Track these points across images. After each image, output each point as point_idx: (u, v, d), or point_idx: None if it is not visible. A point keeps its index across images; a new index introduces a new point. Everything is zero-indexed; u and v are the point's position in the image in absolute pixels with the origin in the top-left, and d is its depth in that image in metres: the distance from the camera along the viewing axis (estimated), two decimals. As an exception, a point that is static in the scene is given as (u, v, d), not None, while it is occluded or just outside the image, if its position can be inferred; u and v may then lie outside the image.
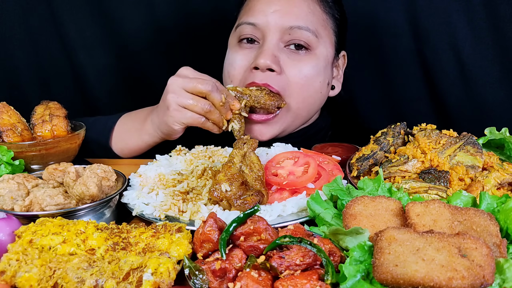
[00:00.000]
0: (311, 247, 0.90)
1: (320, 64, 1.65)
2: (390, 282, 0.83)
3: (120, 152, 1.72)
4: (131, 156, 1.73)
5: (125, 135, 1.70)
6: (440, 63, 2.03)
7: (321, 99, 1.73)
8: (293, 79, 1.61)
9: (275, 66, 1.57)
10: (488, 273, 0.82)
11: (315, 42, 1.63)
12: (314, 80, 1.64)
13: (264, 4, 1.63)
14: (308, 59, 1.63)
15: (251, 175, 1.29)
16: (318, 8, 1.67)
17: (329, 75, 1.72)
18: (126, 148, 1.70)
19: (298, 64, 1.61)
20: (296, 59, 1.62)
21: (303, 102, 1.65)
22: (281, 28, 1.60)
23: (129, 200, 1.31)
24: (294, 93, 1.62)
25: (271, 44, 1.59)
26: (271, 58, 1.57)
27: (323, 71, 1.67)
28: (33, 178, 1.31)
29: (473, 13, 1.93)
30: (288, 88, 1.61)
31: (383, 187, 1.19)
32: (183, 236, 1.04)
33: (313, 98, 1.68)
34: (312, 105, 1.70)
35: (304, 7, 1.63)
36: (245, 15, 1.67)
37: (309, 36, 1.61)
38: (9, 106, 1.62)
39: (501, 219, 1.03)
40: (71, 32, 2.22)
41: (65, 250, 1.01)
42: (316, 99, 1.69)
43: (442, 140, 1.35)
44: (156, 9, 2.19)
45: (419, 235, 0.89)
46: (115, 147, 1.71)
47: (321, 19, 1.66)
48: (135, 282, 0.89)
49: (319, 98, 1.71)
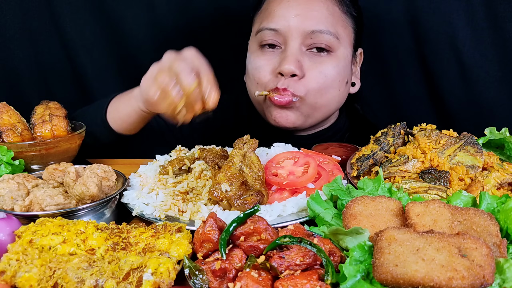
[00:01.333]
0: (311, 247, 0.90)
1: (341, 65, 1.69)
2: (390, 282, 0.83)
3: (114, 124, 1.64)
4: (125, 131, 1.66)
5: (117, 103, 1.66)
6: (440, 63, 2.03)
7: (339, 96, 1.77)
8: (314, 80, 1.65)
9: (298, 71, 1.62)
10: (488, 273, 0.82)
11: (336, 44, 1.66)
12: (333, 79, 1.68)
13: (284, 9, 1.66)
14: (329, 60, 1.67)
15: (251, 175, 1.29)
16: (337, 9, 1.69)
17: (348, 73, 1.76)
18: (119, 118, 1.63)
19: (319, 66, 1.66)
20: (318, 61, 1.66)
21: (321, 98, 1.69)
22: (302, 33, 1.63)
23: (129, 200, 1.31)
24: (313, 90, 1.66)
25: (294, 49, 1.64)
26: (295, 63, 1.61)
27: (342, 71, 1.71)
28: (33, 178, 1.31)
29: (473, 13, 1.93)
30: (307, 89, 1.65)
31: (383, 187, 1.19)
32: (183, 236, 1.04)
33: (331, 94, 1.71)
34: (330, 101, 1.74)
35: (323, 10, 1.65)
36: (266, 20, 1.70)
37: (330, 39, 1.64)
38: (9, 106, 1.62)
39: (501, 219, 1.03)
40: (71, 32, 2.21)
41: (65, 250, 1.01)
42: (334, 95, 1.73)
43: (442, 140, 1.35)
44: (156, 9, 2.19)
45: (419, 235, 0.89)
46: (109, 118, 1.65)
47: (340, 20, 1.69)
48: (135, 282, 0.89)
49: (337, 95, 1.74)
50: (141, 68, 2.31)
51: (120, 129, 1.66)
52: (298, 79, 1.64)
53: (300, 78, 1.64)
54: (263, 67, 1.69)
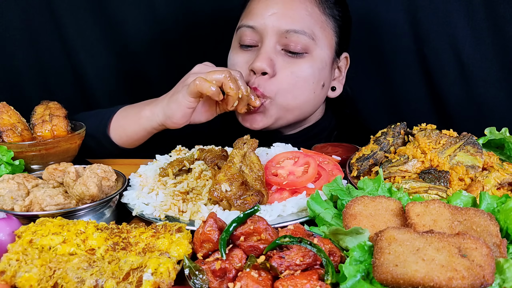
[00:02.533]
0: (311, 247, 0.90)
1: (315, 66, 1.67)
2: (390, 282, 0.83)
3: (118, 140, 1.68)
4: (129, 146, 1.70)
5: (123, 121, 1.68)
6: (440, 63, 2.03)
7: (315, 99, 1.74)
8: (285, 80, 1.64)
9: (269, 69, 1.61)
10: (488, 273, 0.82)
11: (312, 45, 1.65)
12: (306, 80, 1.66)
13: (263, 8, 1.66)
14: (303, 61, 1.65)
15: (251, 175, 1.29)
16: (317, 10, 1.67)
17: (325, 76, 1.73)
18: (124, 135, 1.67)
19: (292, 67, 1.64)
20: (291, 61, 1.65)
21: (293, 100, 1.68)
22: (277, 31, 1.62)
23: (129, 200, 1.31)
24: (283, 91, 1.65)
25: (268, 47, 1.63)
26: (266, 61, 1.61)
27: (318, 73, 1.68)
28: (33, 178, 1.31)
29: (473, 13, 1.93)
30: (278, 89, 1.64)
31: (383, 187, 1.19)
32: (183, 236, 1.04)
33: (304, 96, 1.70)
34: (305, 103, 1.72)
35: (301, 9, 1.64)
36: (245, 18, 1.71)
37: (305, 39, 1.63)
38: (9, 106, 1.62)
39: (501, 219, 1.03)
40: (71, 32, 2.21)
41: (65, 250, 1.01)
42: (309, 98, 1.71)
43: (442, 140, 1.35)
44: (156, 9, 2.19)
45: (419, 235, 0.89)
46: (113, 134, 1.68)
47: (319, 21, 1.67)
48: (135, 282, 0.89)
49: (312, 98, 1.72)
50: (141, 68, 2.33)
51: (124, 144, 1.70)
52: (269, 78, 1.63)
53: (271, 77, 1.63)
54: (238, 64, 1.71)
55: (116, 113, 1.71)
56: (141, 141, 1.70)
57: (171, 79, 1.70)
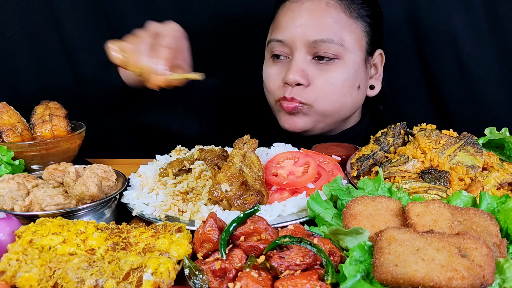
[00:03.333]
0: (311, 247, 0.90)
1: (348, 70, 1.69)
2: (390, 282, 0.83)
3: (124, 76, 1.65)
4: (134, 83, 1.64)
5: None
6: (440, 63, 2.03)
7: (352, 102, 1.77)
8: (320, 88, 1.68)
9: (303, 80, 1.65)
10: (488, 273, 0.82)
11: (342, 51, 1.67)
12: (341, 86, 1.69)
13: (289, 20, 1.69)
14: (335, 68, 1.68)
15: (251, 175, 1.29)
16: (343, 15, 1.68)
17: (360, 78, 1.75)
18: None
19: (326, 74, 1.67)
20: (324, 69, 1.68)
21: (331, 106, 1.72)
22: (306, 43, 1.65)
23: (129, 200, 1.31)
24: (321, 98, 1.69)
25: (298, 60, 1.67)
26: (299, 73, 1.65)
27: (351, 77, 1.71)
28: (33, 178, 1.31)
29: (473, 13, 1.92)
30: (313, 97, 1.68)
31: (383, 187, 1.19)
32: (183, 236, 1.04)
33: (341, 101, 1.73)
34: (342, 107, 1.75)
35: (327, 17, 1.66)
36: (274, 32, 1.75)
37: (334, 47, 1.65)
38: (9, 106, 1.62)
39: (501, 219, 1.03)
40: (71, 32, 2.21)
41: (65, 250, 1.01)
42: (345, 102, 1.74)
43: (442, 140, 1.35)
44: (156, 9, 2.19)
45: (419, 235, 0.89)
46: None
47: (347, 26, 1.68)
48: (135, 282, 0.89)
49: (349, 101, 1.75)
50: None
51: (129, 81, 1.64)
52: (304, 88, 1.67)
53: (307, 87, 1.67)
54: (272, 76, 1.76)
55: None
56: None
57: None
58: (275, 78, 1.74)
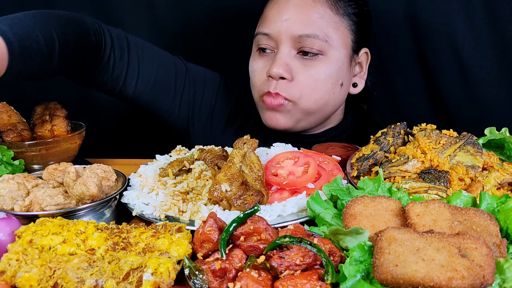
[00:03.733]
0: (311, 247, 0.90)
1: (332, 67, 1.70)
2: (390, 282, 0.83)
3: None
4: None
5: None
6: (440, 63, 2.03)
7: (335, 99, 1.77)
8: (304, 84, 1.68)
9: (286, 74, 1.65)
10: (488, 273, 0.82)
11: (326, 47, 1.67)
12: (325, 83, 1.70)
13: (276, 14, 1.70)
14: (319, 63, 1.68)
15: (251, 175, 1.29)
16: (329, 11, 1.69)
17: (343, 75, 1.76)
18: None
19: (309, 70, 1.68)
20: (308, 64, 1.68)
21: (315, 104, 1.72)
22: (291, 37, 1.66)
23: (129, 200, 1.31)
24: (305, 95, 1.69)
25: (283, 53, 1.67)
26: (283, 67, 1.65)
27: (335, 73, 1.71)
28: (33, 178, 1.31)
29: (473, 13, 1.92)
30: (298, 93, 1.68)
31: (383, 187, 1.19)
32: (183, 236, 1.04)
33: (324, 99, 1.73)
34: (325, 105, 1.75)
35: (313, 13, 1.66)
36: (261, 25, 1.76)
37: (319, 43, 1.65)
38: (9, 106, 1.62)
39: (501, 219, 1.03)
40: (71, 32, 2.21)
41: (65, 250, 1.01)
42: (328, 99, 1.74)
43: (442, 140, 1.35)
44: (156, 9, 2.19)
45: (419, 235, 0.89)
46: None
47: (332, 22, 1.69)
48: (135, 282, 0.89)
49: (332, 99, 1.76)
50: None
51: None
52: (288, 82, 1.66)
53: (290, 81, 1.67)
54: (258, 70, 1.75)
55: None
56: None
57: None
58: (260, 72, 1.74)
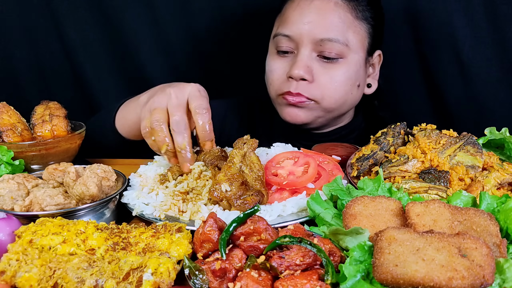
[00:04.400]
0: (311, 247, 0.90)
1: (351, 70, 1.73)
2: (390, 282, 0.83)
3: (122, 131, 1.72)
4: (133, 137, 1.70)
5: (125, 110, 1.72)
6: (440, 63, 2.03)
7: (352, 99, 1.81)
8: (325, 86, 1.71)
9: (308, 76, 1.68)
10: (488, 273, 0.82)
11: (346, 51, 1.70)
12: (344, 84, 1.74)
13: (298, 16, 1.71)
14: (339, 66, 1.71)
15: (251, 175, 1.29)
16: (350, 15, 1.71)
17: (360, 77, 1.79)
18: (127, 125, 1.69)
19: (329, 72, 1.71)
20: (328, 67, 1.71)
21: (335, 103, 1.76)
22: (313, 40, 1.68)
23: (129, 200, 1.31)
24: (326, 97, 1.73)
25: (304, 56, 1.69)
26: (304, 68, 1.68)
27: (354, 75, 1.75)
28: (33, 178, 1.31)
29: (473, 13, 1.92)
30: (320, 94, 1.71)
31: (383, 187, 1.19)
32: (183, 236, 1.04)
33: (343, 99, 1.77)
34: (343, 104, 1.80)
35: (334, 17, 1.69)
36: (281, 26, 1.76)
37: (339, 47, 1.68)
38: (9, 106, 1.62)
39: (501, 219, 1.03)
40: (71, 32, 2.21)
41: (65, 250, 1.01)
42: (346, 99, 1.78)
43: (442, 140, 1.35)
44: (156, 9, 2.19)
45: (419, 235, 0.89)
46: (118, 125, 1.72)
47: (352, 26, 1.71)
48: (135, 282, 0.89)
49: (350, 98, 1.80)
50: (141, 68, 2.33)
51: (129, 135, 1.72)
52: (309, 84, 1.69)
53: (311, 83, 1.70)
54: (277, 70, 1.78)
55: (122, 104, 1.75)
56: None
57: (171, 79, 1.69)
58: (279, 72, 1.77)
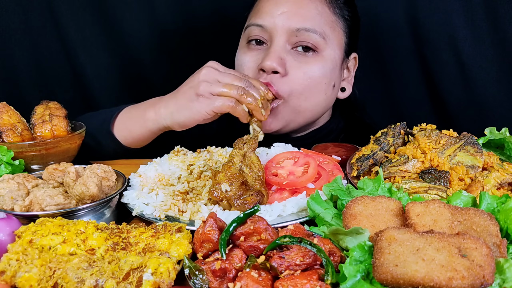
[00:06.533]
0: (311, 247, 0.90)
1: (327, 66, 1.66)
2: (390, 282, 0.83)
3: (124, 140, 1.67)
4: (135, 146, 1.69)
5: (128, 122, 1.67)
6: (440, 63, 2.03)
7: (326, 101, 1.73)
8: (297, 81, 1.62)
9: (280, 68, 1.58)
10: (488, 273, 0.82)
11: (323, 44, 1.63)
12: (318, 81, 1.65)
13: (272, 6, 1.64)
14: (314, 61, 1.64)
15: (251, 175, 1.29)
16: (327, 9, 1.66)
17: (336, 77, 1.72)
18: (130, 136, 1.66)
19: (303, 66, 1.62)
20: (303, 61, 1.63)
21: (305, 101, 1.66)
22: (288, 30, 1.61)
23: (129, 200, 1.31)
24: (296, 92, 1.63)
25: (277, 46, 1.61)
26: (277, 60, 1.58)
27: (329, 73, 1.67)
28: (33, 178, 1.31)
29: (473, 13, 1.93)
30: (289, 89, 1.62)
31: (383, 187, 1.19)
32: (183, 236, 1.04)
33: (316, 98, 1.68)
34: (316, 105, 1.71)
35: (312, 8, 1.63)
36: (254, 17, 1.69)
37: (316, 38, 1.61)
38: (9, 106, 1.62)
39: (501, 219, 1.03)
40: (71, 32, 2.22)
41: (65, 250, 1.01)
42: (320, 100, 1.70)
43: (442, 140, 1.35)
44: (156, 9, 2.20)
45: (419, 235, 0.89)
46: (118, 134, 1.67)
47: (329, 21, 1.66)
48: (135, 282, 0.89)
49: (324, 100, 1.71)
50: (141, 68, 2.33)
51: (130, 144, 1.68)
52: (281, 77, 1.60)
53: (283, 76, 1.60)
54: (247, 63, 1.68)
55: (120, 113, 1.69)
56: (148, 141, 1.68)
57: (172, 79, 1.70)
58: (249, 65, 1.67)
